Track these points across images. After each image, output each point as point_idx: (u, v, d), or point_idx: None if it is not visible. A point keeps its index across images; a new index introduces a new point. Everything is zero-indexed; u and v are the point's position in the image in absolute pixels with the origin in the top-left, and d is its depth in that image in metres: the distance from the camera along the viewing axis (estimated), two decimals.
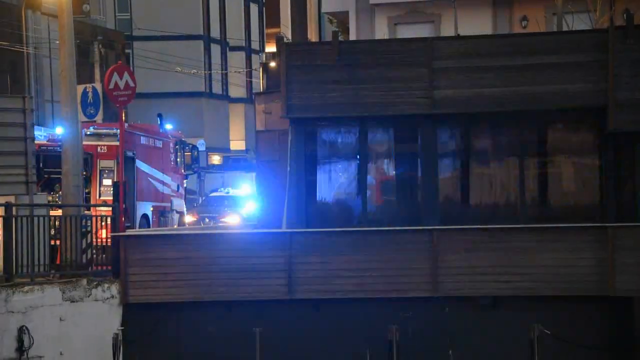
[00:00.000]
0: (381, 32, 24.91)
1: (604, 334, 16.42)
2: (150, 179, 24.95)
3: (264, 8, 57.97)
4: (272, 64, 23.72)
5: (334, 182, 18.16)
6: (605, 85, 16.88)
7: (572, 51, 17.17)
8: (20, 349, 15.39)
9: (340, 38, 19.49)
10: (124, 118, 20.28)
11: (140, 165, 24.16)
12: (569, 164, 17.76)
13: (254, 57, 54.76)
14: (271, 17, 56.69)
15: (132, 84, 18.75)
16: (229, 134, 52.84)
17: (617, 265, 16.32)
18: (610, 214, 16.99)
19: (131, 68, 37.90)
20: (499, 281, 16.61)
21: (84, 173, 20.16)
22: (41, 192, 20.00)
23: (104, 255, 17.92)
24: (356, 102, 17.44)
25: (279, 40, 18.73)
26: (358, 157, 18.13)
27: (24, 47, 34.50)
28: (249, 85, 54.11)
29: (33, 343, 15.50)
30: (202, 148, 33.53)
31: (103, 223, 17.97)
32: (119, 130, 20.49)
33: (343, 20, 28.97)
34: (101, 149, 22.73)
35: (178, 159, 27.29)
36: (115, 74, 18.70)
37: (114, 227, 17.63)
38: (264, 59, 38.27)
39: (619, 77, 16.81)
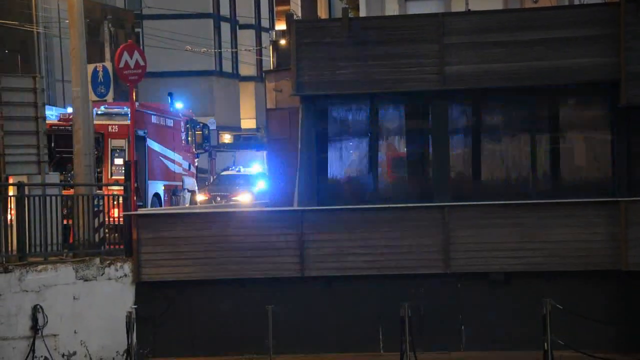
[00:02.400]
0: (391, 8, 24.79)
1: (617, 309, 16.41)
2: (162, 158, 24.98)
3: None
4: (282, 42, 23.68)
5: (345, 159, 18.14)
6: (617, 60, 16.77)
7: (583, 25, 17.06)
8: (35, 327, 15.50)
9: (350, 15, 19.37)
10: (134, 97, 20.27)
11: (152, 144, 24.18)
12: (580, 139, 17.69)
13: (264, 35, 54.61)
14: None
15: (142, 63, 18.73)
16: (239, 113, 52.81)
17: (630, 240, 16.30)
18: (623, 189, 16.94)
19: (141, 47, 37.87)
20: (511, 257, 16.61)
21: (96, 152, 20.18)
22: (53, 171, 20.06)
23: (116, 234, 17.98)
24: (366, 79, 17.39)
25: (288, 18, 18.68)
26: (369, 134, 18.09)
27: (34, 27, 34.52)
28: (259, 63, 54.01)
29: (47, 321, 15.60)
30: (212, 127, 33.55)
31: (115, 202, 18.03)
32: (129, 110, 20.50)
33: None
34: (112, 128, 22.75)
35: (189, 138, 27.31)
36: (125, 52, 18.68)
37: (126, 206, 17.67)
38: (274, 36, 38.21)
39: (631, 51, 16.71)
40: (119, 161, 22.35)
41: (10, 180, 16.82)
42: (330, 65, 17.45)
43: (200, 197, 30.34)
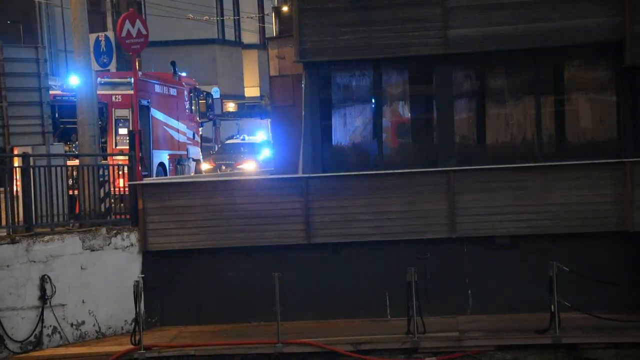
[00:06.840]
0: None
1: (623, 270, 16.44)
2: (166, 127, 24.96)
3: None
4: (285, 8, 23.51)
5: (349, 125, 18.11)
6: (622, 19, 16.67)
7: None
8: (43, 297, 15.60)
9: None
10: (137, 66, 20.21)
11: (156, 113, 24.16)
12: (585, 100, 17.62)
13: (266, 2, 54.32)
14: None
15: (144, 32, 18.66)
16: (243, 81, 52.66)
17: (636, 201, 16.30)
18: (628, 150, 16.90)
19: (143, 16, 37.67)
20: (516, 220, 16.62)
21: (100, 123, 20.17)
22: (57, 142, 20.05)
23: (122, 204, 18.02)
24: (370, 44, 17.32)
25: None
26: (373, 100, 18.05)
27: None
28: (262, 30, 53.78)
29: (55, 291, 15.70)
30: (216, 95, 33.42)
31: (120, 172, 18.04)
32: (133, 79, 20.45)
33: None
34: (116, 98, 22.71)
35: (193, 107, 27.26)
36: (127, 21, 18.60)
37: (131, 175, 17.69)
38: (276, 3, 38.00)
39: (636, 11, 16.59)
40: (123, 131, 22.32)
41: (15, 152, 16.82)
42: (333, 31, 17.37)
43: (205, 166, 30.36)
